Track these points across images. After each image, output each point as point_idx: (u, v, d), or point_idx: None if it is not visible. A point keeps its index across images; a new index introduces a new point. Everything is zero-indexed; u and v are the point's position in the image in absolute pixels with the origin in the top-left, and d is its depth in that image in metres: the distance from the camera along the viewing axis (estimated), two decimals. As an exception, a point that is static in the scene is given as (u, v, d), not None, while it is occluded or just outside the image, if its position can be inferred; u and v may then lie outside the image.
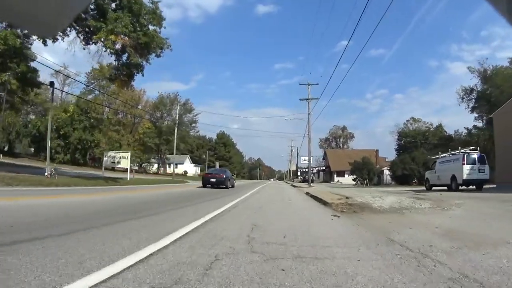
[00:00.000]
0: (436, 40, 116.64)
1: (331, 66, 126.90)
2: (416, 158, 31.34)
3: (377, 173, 31.49)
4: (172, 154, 51.14)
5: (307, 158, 55.11)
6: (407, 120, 60.34)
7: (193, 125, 49.04)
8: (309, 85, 30.78)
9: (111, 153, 22.88)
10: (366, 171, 28.94)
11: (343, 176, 45.19)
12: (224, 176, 17.89)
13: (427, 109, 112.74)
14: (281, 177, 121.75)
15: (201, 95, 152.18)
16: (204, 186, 17.48)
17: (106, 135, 47.21)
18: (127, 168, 22.59)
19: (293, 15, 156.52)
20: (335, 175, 45.69)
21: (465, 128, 43.67)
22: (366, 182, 28.09)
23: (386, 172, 34.98)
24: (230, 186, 18.42)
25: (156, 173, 47.39)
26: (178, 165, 63.54)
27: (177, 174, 59.70)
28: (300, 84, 31.00)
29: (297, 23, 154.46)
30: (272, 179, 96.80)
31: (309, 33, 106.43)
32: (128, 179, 21.42)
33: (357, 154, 46.78)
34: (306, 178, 41.24)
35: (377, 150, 45.33)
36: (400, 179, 30.79)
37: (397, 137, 62.30)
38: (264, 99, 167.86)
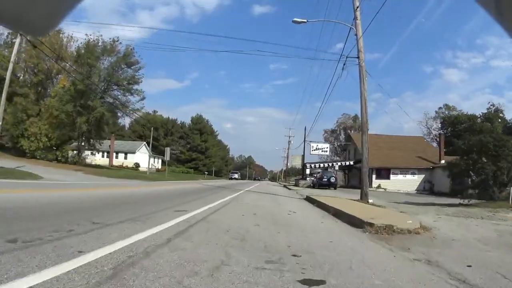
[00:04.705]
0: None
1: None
2: None
3: None
4: (102, 134, 32.05)
5: (322, 145, 34.19)
6: (439, 108, 52.23)
7: (135, 87, 29.29)
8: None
9: None
10: (506, 165, 11.37)
11: (388, 178, 26.08)
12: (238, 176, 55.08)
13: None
14: (273, 178, 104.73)
15: (195, 93, 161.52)
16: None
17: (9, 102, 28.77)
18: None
19: (289, 16, 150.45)
20: (374, 176, 25.79)
21: None
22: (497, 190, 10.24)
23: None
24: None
25: (74, 163, 28.73)
26: (129, 155, 44.89)
27: (125, 167, 41.22)
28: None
29: (293, 24, 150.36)
30: (260, 180, 74.83)
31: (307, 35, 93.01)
32: None
33: (404, 142, 29.12)
34: (326, 178, 22.44)
35: (440, 134, 27.59)
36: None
37: (439, 124, 48.69)
38: (258, 98, 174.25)
